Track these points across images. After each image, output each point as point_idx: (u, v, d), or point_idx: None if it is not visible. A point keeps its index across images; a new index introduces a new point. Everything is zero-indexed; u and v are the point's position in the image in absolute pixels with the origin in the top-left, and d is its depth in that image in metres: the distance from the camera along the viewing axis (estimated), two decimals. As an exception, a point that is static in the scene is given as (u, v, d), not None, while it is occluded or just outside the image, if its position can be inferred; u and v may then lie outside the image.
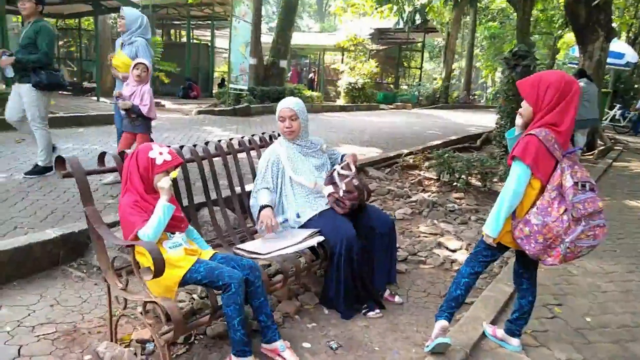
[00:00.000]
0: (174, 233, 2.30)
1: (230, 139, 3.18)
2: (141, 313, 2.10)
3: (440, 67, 28.08)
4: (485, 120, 13.56)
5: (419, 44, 22.75)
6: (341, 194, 2.86)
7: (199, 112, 11.28)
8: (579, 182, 2.09)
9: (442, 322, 2.33)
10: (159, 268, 1.94)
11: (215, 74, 18.13)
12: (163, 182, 2.23)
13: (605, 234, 2.14)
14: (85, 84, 14.51)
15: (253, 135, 3.34)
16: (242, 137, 3.26)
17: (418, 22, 18.96)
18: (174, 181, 2.73)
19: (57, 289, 2.87)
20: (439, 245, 4.00)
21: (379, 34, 20.31)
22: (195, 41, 18.37)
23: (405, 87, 23.57)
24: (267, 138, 3.35)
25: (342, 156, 3.15)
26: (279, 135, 3.25)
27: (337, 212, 2.85)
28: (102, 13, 12.37)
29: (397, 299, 3.04)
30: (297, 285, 3.04)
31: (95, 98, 12.55)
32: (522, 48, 6.19)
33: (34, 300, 2.71)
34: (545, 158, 2.12)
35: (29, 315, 2.56)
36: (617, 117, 14.30)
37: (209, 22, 16.75)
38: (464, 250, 3.91)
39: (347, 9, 15.77)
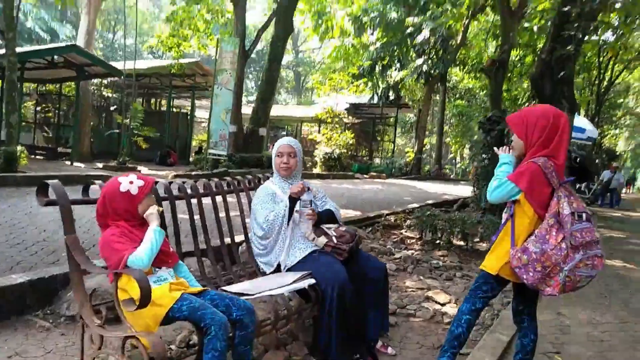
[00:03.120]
0: (160, 268, 2.17)
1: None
2: (120, 348, 1.90)
3: (411, 143, 29.19)
4: (458, 190, 13.87)
5: (392, 119, 23.74)
6: (335, 241, 2.82)
7: (176, 176, 11.18)
8: (575, 212, 2.11)
9: None
10: (146, 296, 1.79)
11: (193, 143, 18.28)
12: (151, 209, 2.13)
13: (603, 265, 2.12)
14: (60, 149, 14.34)
15: (241, 178, 3.29)
16: (232, 179, 3.21)
17: (391, 98, 20.03)
18: (161, 216, 2.62)
19: (17, 340, 2.60)
20: (428, 299, 3.88)
21: (354, 109, 21.19)
22: (174, 110, 18.69)
23: (377, 160, 24.23)
24: (257, 180, 3.30)
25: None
26: (267, 178, 3.23)
27: (337, 259, 2.77)
28: (84, 79, 12.55)
29: (390, 350, 2.88)
30: (285, 335, 2.85)
31: (69, 162, 12.38)
32: (496, 114, 6.51)
33: (-9, 352, 2.44)
34: (541, 185, 2.14)
35: (-17, 367, 2.29)
36: (582, 189, 14.92)
37: (189, 91, 17.17)
38: (454, 304, 3.80)
39: (325, 82, 16.55)
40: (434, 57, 18.89)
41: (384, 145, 25.52)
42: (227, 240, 3.09)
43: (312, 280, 2.62)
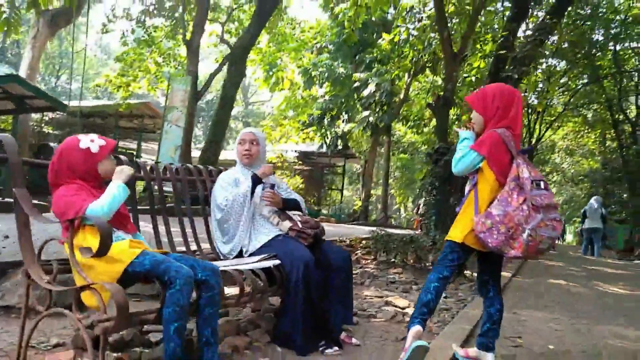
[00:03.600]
0: (118, 229, 2.03)
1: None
2: (75, 303, 1.72)
3: (357, 194, 29.75)
4: (405, 233, 14.15)
5: (340, 169, 24.23)
6: (300, 225, 2.79)
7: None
8: (533, 180, 2.21)
9: (416, 327, 2.15)
10: (106, 240, 1.67)
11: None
12: (121, 167, 2.05)
13: (561, 229, 2.22)
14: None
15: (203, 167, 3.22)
16: (192, 166, 3.13)
17: (339, 147, 20.56)
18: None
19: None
20: (387, 303, 3.83)
21: (304, 157, 21.48)
22: (120, 150, 18.10)
23: (324, 211, 24.38)
24: (218, 171, 3.24)
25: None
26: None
27: (302, 243, 2.71)
28: (24, 112, 11.97)
29: (354, 340, 2.79)
30: (245, 323, 2.71)
31: (0, 198, 11.51)
32: (443, 146, 6.83)
33: None
34: (501, 151, 2.25)
35: None
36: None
37: (137, 133, 16.78)
38: (413, 307, 3.77)
39: (276, 128, 16.79)
40: (380, 110, 19.83)
41: (332, 195, 25.82)
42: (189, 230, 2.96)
43: (277, 261, 2.54)
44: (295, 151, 20.94)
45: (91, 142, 2.04)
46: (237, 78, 13.90)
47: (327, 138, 19.87)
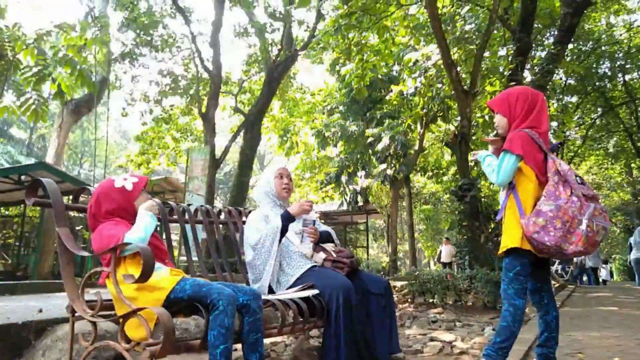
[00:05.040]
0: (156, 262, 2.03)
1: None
2: (120, 333, 1.68)
3: (383, 250, 29.19)
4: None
5: (362, 226, 24.03)
6: (334, 255, 2.74)
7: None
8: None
9: None
10: (148, 265, 1.67)
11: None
12: (153, 203, 2.09)
13: (609, 220, 2.12)
14: (19, 273, 13.53)
15: (233, 209, 3.24)
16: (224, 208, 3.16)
17: (360, 203, 20.51)
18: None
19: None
20: (432, 339, 3.64)
21: (325, 217, 21.42)
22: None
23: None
24: (247, 212, 3.25)
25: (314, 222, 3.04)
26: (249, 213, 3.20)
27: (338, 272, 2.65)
28: (52, 197, 12.33)
29: (404, 372, 2.64)
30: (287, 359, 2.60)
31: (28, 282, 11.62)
32: (466, 182, 6.77)
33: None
34: (534, 148, 2.21)
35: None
36: (559, 271, 14.99)
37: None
38: (461, 341, 3.58)
39: (294, 190, 16.92)
40: (396, 163, 19.94)
41: (357, 253, 25.42)
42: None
43: (316, 290, 2.48)
44: (316, 212, 20.98)
45: (124, 180, 2.11)
46: (253, 141, 14.32)
47: (347, 195, 19.91)
